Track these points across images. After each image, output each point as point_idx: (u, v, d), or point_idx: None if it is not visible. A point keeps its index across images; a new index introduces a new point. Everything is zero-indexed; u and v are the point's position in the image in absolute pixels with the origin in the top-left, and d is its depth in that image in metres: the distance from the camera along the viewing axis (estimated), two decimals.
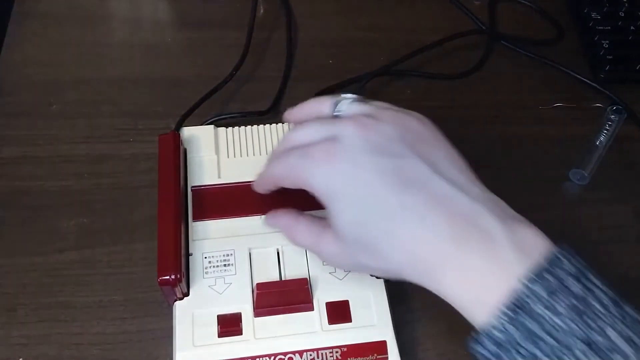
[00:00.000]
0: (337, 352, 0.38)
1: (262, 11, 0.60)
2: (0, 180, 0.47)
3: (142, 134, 0.51)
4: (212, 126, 0.47)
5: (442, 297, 0.31)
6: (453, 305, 0.30)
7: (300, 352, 0.38)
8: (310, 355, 0.38)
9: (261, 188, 0.39)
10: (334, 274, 0.41)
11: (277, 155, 0.37)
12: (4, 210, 0.46)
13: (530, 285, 0.28)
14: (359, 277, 0.41)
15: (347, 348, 0.38)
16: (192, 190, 0.43)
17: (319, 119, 0.36)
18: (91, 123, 0.51)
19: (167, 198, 0.40)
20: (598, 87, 0.57)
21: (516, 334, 0.27)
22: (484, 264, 0.29)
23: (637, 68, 0.58)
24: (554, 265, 0.28)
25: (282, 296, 0.39)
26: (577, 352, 0.27)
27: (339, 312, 0.39)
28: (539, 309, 0.27)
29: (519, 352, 0.27)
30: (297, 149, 0.35)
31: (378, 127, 0.33)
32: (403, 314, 0.43)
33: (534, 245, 0.29)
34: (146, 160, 0.49)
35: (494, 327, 0.28)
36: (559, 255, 0.29)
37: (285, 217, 0.38)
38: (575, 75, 0.58)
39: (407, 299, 0.44)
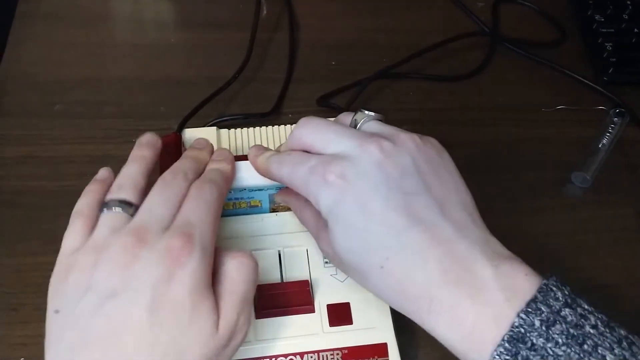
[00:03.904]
0: (338, 354, 0.38)
1: (265, 12, 0.60)
2: (3, 180, 0.48)
3: None
4: (214, 128, 0.46)
5: (433, 336, 0.31)
6: (444, 344, 0.31)
7: (301, 354, 0.38)
8: (311, 357, 0.38)
9: (261, 171, 0.38)
10: (335, 276, 0.41)
11: (290, 154, 0.36)
12: (6, 209, 0.46)
13: (526, 317, 0.28)
14: None
15: (348, 350, 0.38)
16: None
17: (339, 126, 0.35)
18: (94, 123, 0.51)
19: None
20: (601, 89, 0.57)
21: None
22: (476, 307, 0.29)
23: None
24: (547, 297, 0.29)
25: (283, 298, 0.39)
26: None
27: (340, 314, 0.39)
28: (537, 340, 0.28)
29: None
30: (310, 159, 0.34)
31: (396, 157, 0.32)
32: (403, 317, 0.43)
33: (525, 284, 0.30)
34: None
35: None
36: (551, 287, 0.29)
37: (295, 199, 0.38)
38: (578, 77, 0.58)
39: None
